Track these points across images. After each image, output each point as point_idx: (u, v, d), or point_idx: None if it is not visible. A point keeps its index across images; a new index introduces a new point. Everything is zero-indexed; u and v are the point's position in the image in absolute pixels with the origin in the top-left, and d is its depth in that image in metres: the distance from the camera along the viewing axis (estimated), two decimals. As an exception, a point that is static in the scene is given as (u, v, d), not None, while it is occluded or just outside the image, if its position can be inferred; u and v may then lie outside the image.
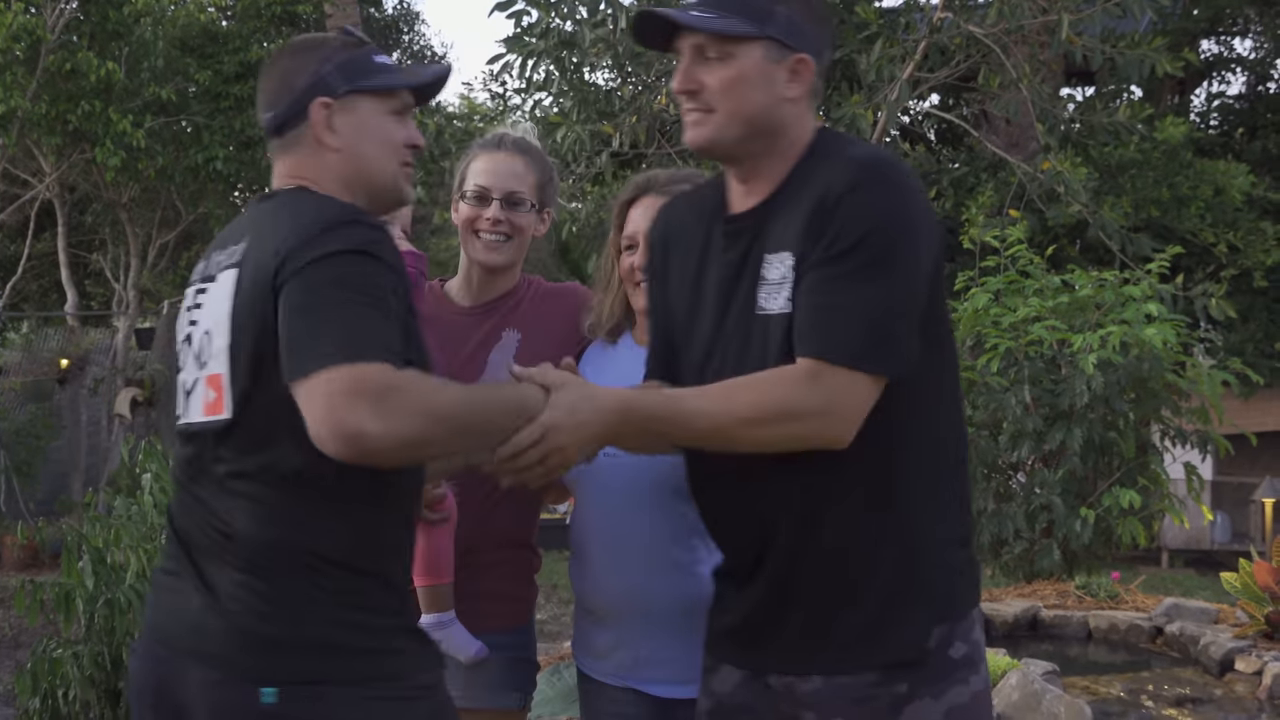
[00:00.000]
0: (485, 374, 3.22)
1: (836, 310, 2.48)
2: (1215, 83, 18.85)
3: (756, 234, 2.65)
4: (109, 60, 12.55)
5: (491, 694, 3.20)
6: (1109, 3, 9.53)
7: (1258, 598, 6.13)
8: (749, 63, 2.60)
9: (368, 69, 2.62)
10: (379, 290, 2.32)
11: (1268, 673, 5.58)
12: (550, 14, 9.51)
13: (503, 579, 3.26)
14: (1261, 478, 13.72)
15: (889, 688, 2.58)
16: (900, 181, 2.55)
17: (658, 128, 10.28)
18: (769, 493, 2.61)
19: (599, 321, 3.22)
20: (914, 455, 2.62)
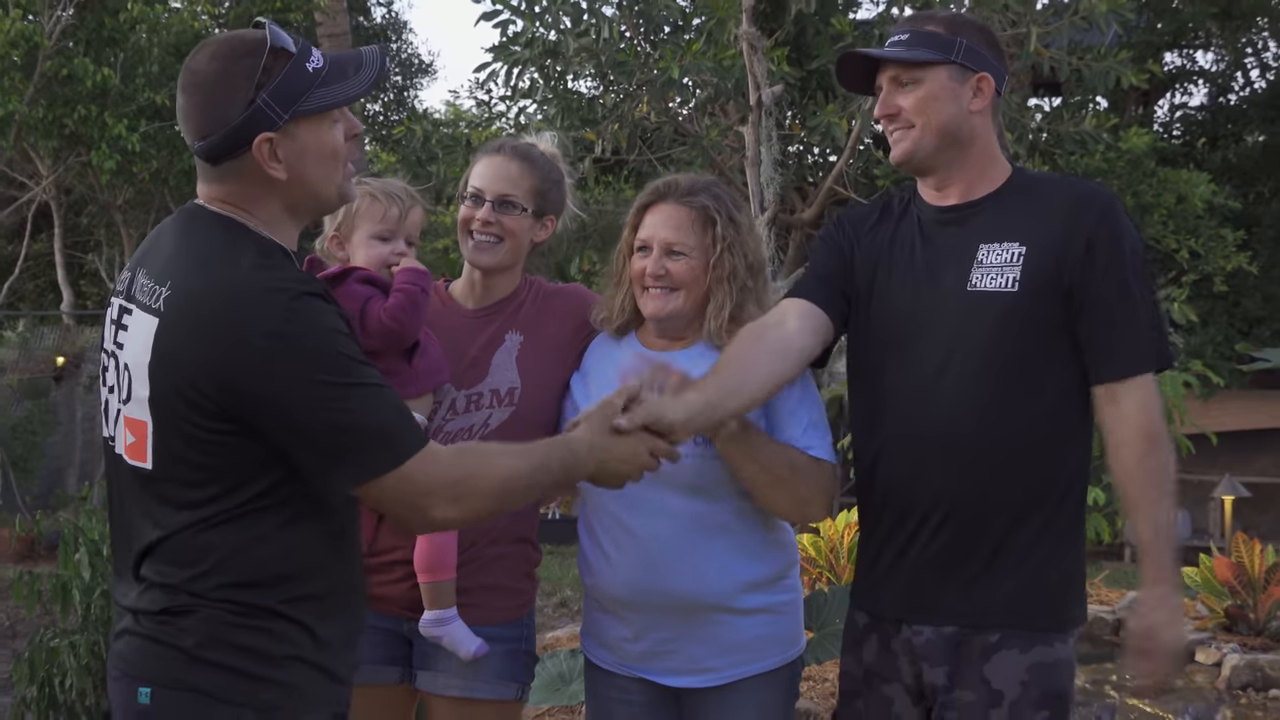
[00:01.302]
0: (489, 376, 3.23)
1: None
2: (1178, 94, 18.94)
3: (969, 225, 2.98)
4: (105, 66, 12.52)
5: (491, 685, 3.20)
6: (1076, 16, 9.58)
7: (1217, 592, 6.17)
8: (937, 84, 2.94)
9: (303, 85, 2.43)
10: (354, 355, 2.35)
11: (1226, 664, 5.62)
12: (535, 24, 9.51)
13: (503, 574, 3.25)
14: (1221, 476, 13.77)
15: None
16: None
17: (638, 134, 10.29)
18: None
19: (609, 316, 3.22)
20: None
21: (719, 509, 3.04)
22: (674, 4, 10.70)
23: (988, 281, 2.89)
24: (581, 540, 3.21)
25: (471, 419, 3.22)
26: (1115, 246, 2.84)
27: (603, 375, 3.20)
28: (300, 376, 2.26)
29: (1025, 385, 2.87)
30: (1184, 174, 13.49)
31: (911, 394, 2.98)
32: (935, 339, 2.94)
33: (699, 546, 3.03)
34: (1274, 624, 6.05)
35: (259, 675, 2.36)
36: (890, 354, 3.03)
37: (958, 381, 2.90)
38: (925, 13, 3.09)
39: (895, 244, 3.11)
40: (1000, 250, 2.90)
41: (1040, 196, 2.96)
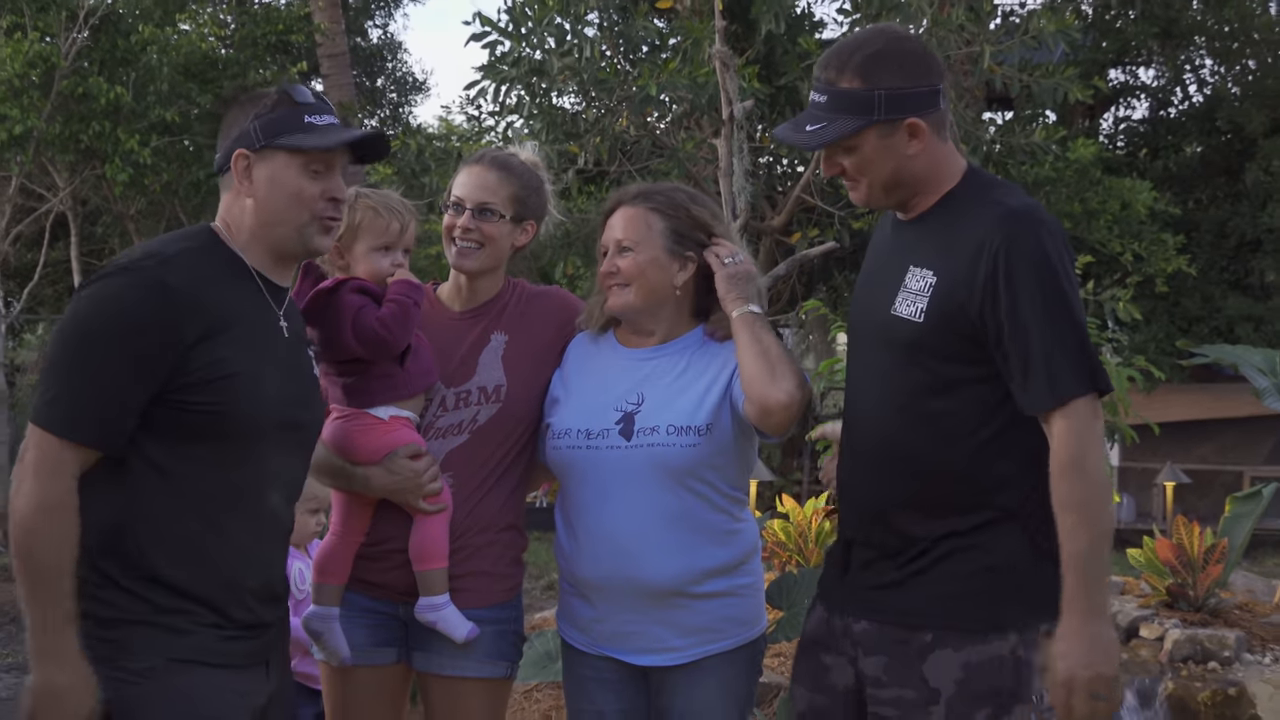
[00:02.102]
0: (476, 374, 3.23)
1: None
2: (1121, 108, 18.97)
3: (907, 245, 2.90)
4: (118, 85, 12.47)
5: (481, 664, 3.20)
6: (1026, 36, 9.63)
7: (1160, 571, 6.17)
8: (868, 147, 2.82)
9: (290, 128, 2.65)
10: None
11: (1168, 639, 5.63)
12: (521, 44, 9.52)
13: (492, 560, 3.24)
14: (1163, 464, 13.82)
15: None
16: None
17: (619, 147, 10.29)
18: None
19: (590, 317, 3.24)
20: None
21: (684, 502, 3.05)
22: (651, 25, 10.72)
23: (904, 308, 2.80)
24: (557, 527, 3.22)
25: (461, 415, 3.22)
26: (1015, 278, 2.66)
27: (580, 373, 3.21)
28: (58, 324, 2.55)
29: (936, 407, 2.78)
30: (1127, 182, 13.53)
31: (854, 403, 2.99)
32: (867, 351, 2.93)
33: (664, 537, 3.03)
34: (1212, 601, 6.06)
35: (100, 636, 2.53)
36: (850, 362, 3.05)
37: (878, 395, 2.87)
38: (840, 54, 2.86)
39: (874, 247, 3.12)
40: (920, 277, 2.79)
41: (961, 222, 2.80)
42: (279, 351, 2.69)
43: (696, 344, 3.15)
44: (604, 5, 10.48)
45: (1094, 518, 2.66)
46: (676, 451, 3.01)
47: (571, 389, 3.19)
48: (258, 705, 2.70)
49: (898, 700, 2.83)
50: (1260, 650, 5.75)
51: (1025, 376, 2.67)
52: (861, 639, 2.88)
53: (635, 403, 3.08)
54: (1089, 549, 2.65)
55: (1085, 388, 2.66)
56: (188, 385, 2.51)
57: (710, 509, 3.08)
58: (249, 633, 2.67)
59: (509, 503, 3.27)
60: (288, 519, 2.80)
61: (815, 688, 3.01)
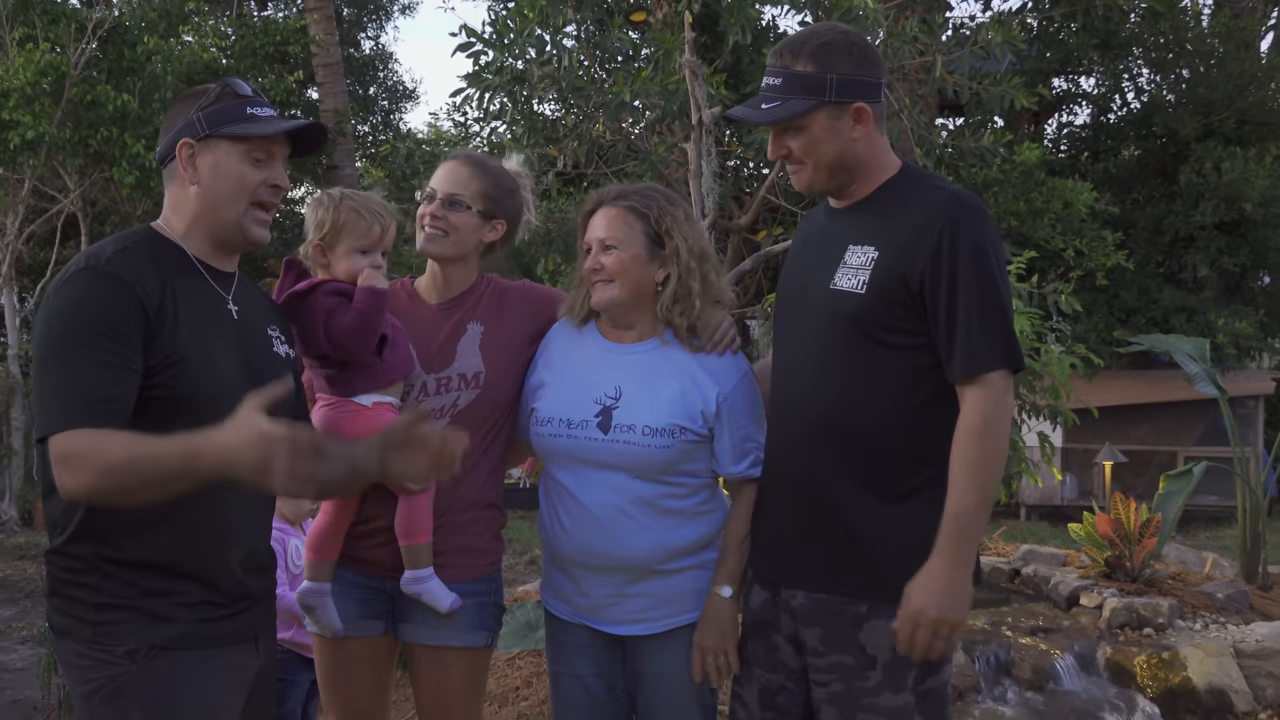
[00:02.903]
0: (455, 362, 3.21)
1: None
2: (1064, 114, 19.05)
3: (846, 227, 2.89)
4: (124, 93, 12.41)
5: (463, 634, 3.19)
6: (975, 46, 9.63)
7: (1099, 544, 6.21)
8: (817, 128, 2.83)
9: (233, 118, 2.63)
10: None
11: (1106, 606, 5.66)
12: (504, 55, 9.48)
13: (473, 536, 3.23)
14: (1102, 445, 13.90)
15: None
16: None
17: (595, 151, 10.27)
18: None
19: (572, 307, 3.22)
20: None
21: (658, 489, 3.05)
22: (626, 36, 10.68)
23: (845, 281, 2.81)
24: (541, 507, 3.22)
25: (442, 400, 3.21)
26: (959, 256, 2.70)
27: (565, 361, 3.21)
28: (34, 331, 2.51)
29: (873, 375, 2.79)
30: (1070, 183, 13.58)
31: (786, 379, 2.98)
32: (804, 329, 2.92)
33: (639, 519, 3.03)
34: (1147, 572, 6.10)
35: (81, 618, 2.52)
36: (778, 338, 3.04)
37: (815, 370, 2.86)
38: (796, 42, 2.87)
39: (804, 235, 3.12)
40: (860, 253, 2.81)
41: (903, 204, 2.83)
42: (229, 333, 2.64)
43: (670, 344, 3.14)
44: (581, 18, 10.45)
45: (984, 483, 2.71)
46: (651, 451, 3.01)
47: (555, 376, 3.18)
48: (246, 679, 2.67)
49: (836, 666, 2.85)
50: (1191, 617, 5.79)
51: (951, 346, 2.72)
52: (799, 611, 2.90)
53: (614, 397, 3.07)
54: (972, 509, 2.70)
55: (1000, 363, 2.72)
56: (148, 372, 2.47)
57: (682, 494, 3.07)
58: (237, 605, 2.64)
59: (489, 482, 3.27)
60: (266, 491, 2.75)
61: (770, 667, 3.02)
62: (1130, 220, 16.23)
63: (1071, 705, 4.97)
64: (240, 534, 2.64)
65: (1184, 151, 16.55)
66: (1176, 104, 17.08)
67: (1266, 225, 15.94)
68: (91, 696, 2.50)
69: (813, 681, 2.92)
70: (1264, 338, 16.83)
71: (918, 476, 2.80)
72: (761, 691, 3.04)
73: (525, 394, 3.23)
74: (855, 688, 2.85)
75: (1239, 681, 5.27)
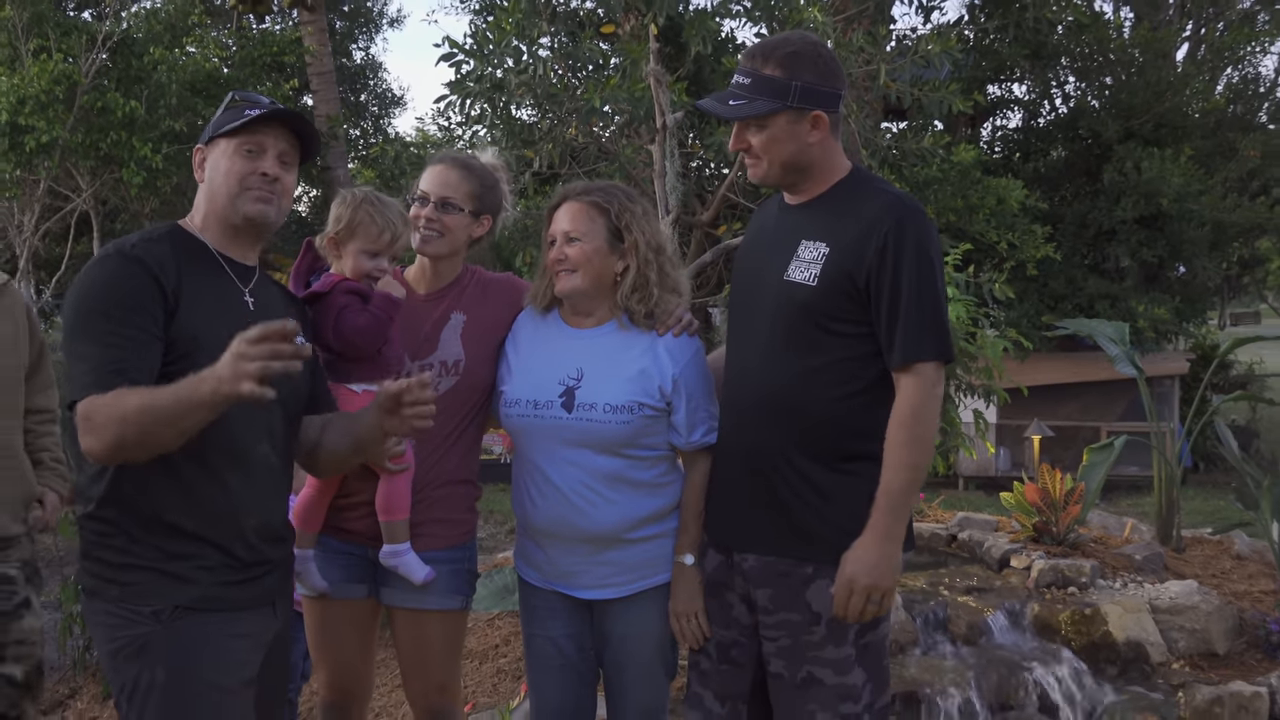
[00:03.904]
0: (438, 350, 3.20)
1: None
2: (998, 118, 19.10)
3: (799, 223, 2.89)
4: (133, 99, 12.30)
5: (439, 598, 3.19)
6: (916, 56, 9.63)
7: (1028, 511, 6.24)
8: (777, 128, 2.84)
9: (227, 119, 2.67)
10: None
11: (1034, 568, 5.69)
12: (484, 64, 9.42)
13: (448, 508, 3.23)
14: (1032, 421, 13.97)
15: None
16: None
17: (569, 153, 10.23)
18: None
19: (536, 295, 3.21)
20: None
21: (620, 463, 3.04)
22: (596, 47, 10.64)
23: (797, 274, 2.82)
24: (514, 482, 3.21)
25: (425, 385, 3.19)
26: (902, 255, 2.72)
27: (531, 344, 3.20)
28: (65, 310, 2.53)
29: (820, 359, 2.80)
30: (1003, 182, 13.62)
31: (739, 361, 2.99)
32: (757, 316, 2.92)
33: (602, 493, 3.03)
34: (1071, 536, 6.13)
35: (109, 578, 2.55)
36: (732, 323, 3.04)
37: (767, 353, 2.87)
38: (768, 46, 2.88)
39: (758, 226, 3.12)
40: (813, 248, 2.81)
41: (853, 204, 2.84)
42: (243, 321, 2.62)
43: (628, 328, 3.13)
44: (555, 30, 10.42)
45: (914, 464, 2.74)
46: (612, 428, 3.00)
47: (522, 359, 3.17)
48: (264, 642, 2.67)
49: (784, 623, 2.88)
50: (1112, 577, 5.83)
51: (890, 337, 2.74)
52: (750, 573, 2.92)
53: (576, 378, 3.06)
54: (903, 487, 2.74)
55: (932, 355, 2.75)
56: (165, 349, 2.49)
57: (642, 467, 3.07)
58: (254, 571, 2.63)
59: (465, 460, 3.26)
60: (280, 465, 2.73)
61: (724, 624, 3.04)
62: (1058, 215, 16.30)
63: (1002, 658, 5.00)
64: (253, 505, 2.63)
65: (1107, 152, 16.62)
66: (1100, 109, 17.15)
67: (1181, 220, 16.03)
68: (118, 653, 2.51)
69: (763, 637, 2.94)
70: (1179, 322, 16.96)
71: (857, 452, 2.82)
72: (718, 645, 3.06)
73: (498, 377, 3.22)
74: (802, 642, 2.87)
75: (1154, 635, 5.31)
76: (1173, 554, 6.56)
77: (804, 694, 2.89)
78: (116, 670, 2.52)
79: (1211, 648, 5.38)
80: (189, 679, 2.50)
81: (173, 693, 2.48)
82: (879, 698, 2.94)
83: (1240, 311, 35.67)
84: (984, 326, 6.84)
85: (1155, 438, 7.03)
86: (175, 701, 2.48)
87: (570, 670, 3.21)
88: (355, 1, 23.77)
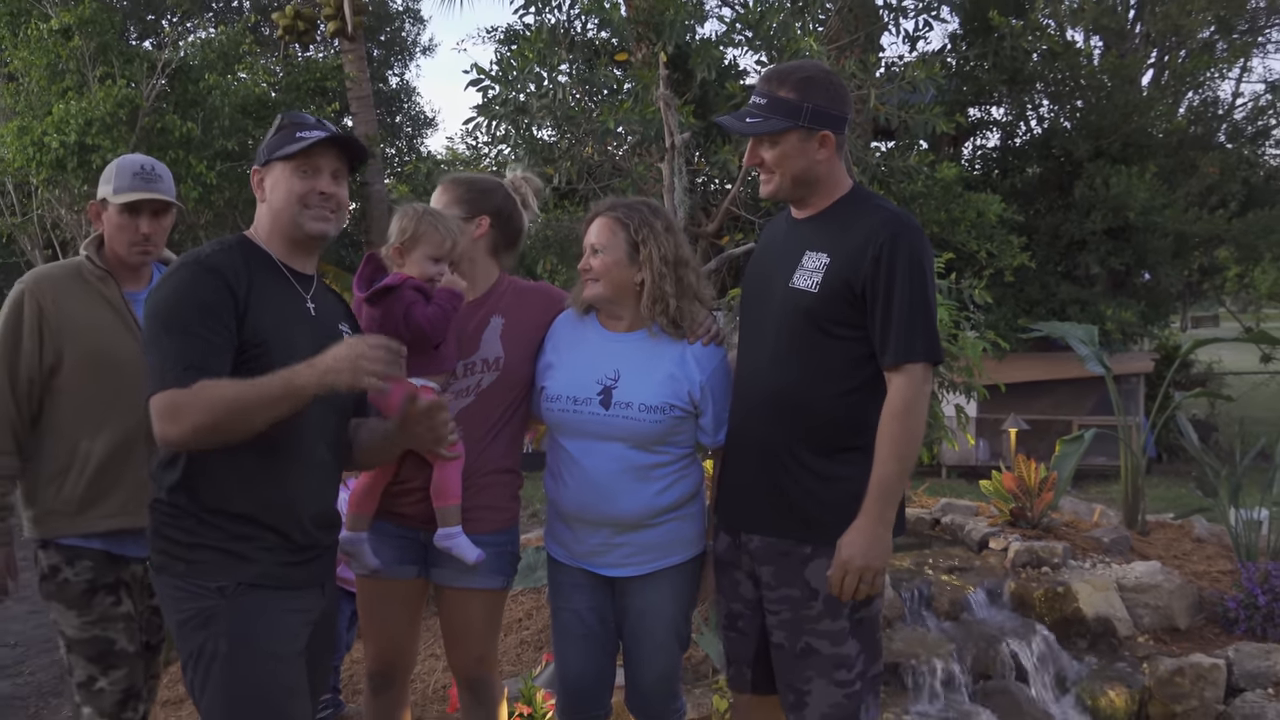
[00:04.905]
0: (480, 349, 3.22)
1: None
2: (978, 138, 19.04)
3: (804, 236, 2.91)
4: (189, 121, 12.35)
5: (484, 578, 3.21)
6: (903, 82, 9.62)
7: (1005, 498, 6.26)
8: (789, 145, 2.85)
9: (285, 143, 2.68)
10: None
11: (1011, 549, 5.71)
12: (508, 89, 9.44)
13: (494, 496, 3.24)
14: (1009, 415, 13.95)
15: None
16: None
17: (585, 170, 10.24)
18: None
19: (576, 299, 3.23)
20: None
21: (649, 457, 3.06)
22: (611, 73, 10.64)
23: (801, 282, 2.83)
24: (548, 468, 3.23)
25: (468, 381, 3.22)
26: (895, 265, 2.73)
27: (570, 345, 3.22)
28: (146, 314, 2.55)
29: (821, 360, 2.82)
30: (983, 196, 13.58)
31: (749, 361, 3.01)
32: (765, 319, 2.94)
33: (630, 482, 3.05)
34: (1045, 520, 6.15)
35: (177, 555, 2.58)
36: (743, 325, 3.06)
37: (774, 353, 2.90)
38: (784, 71, 2.90)
39: (768, 238, 3.14)
40: (815, 258, 2.83)
41: (853, 219, 2.85)
42: (305, 324, 2.68)
43: (659, 336, 3.15)
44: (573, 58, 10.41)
45: (903, 455, 2.76)
46: (645, 425, 3.03)
47: (562, 358, 3.19)
48: (312, 619, 2.71)
49: (786, 598, 2.90)
50: (1081, 557, 5.84)
51: (884, 340, 2.76)
52: (755, 552, 2.95)
53: (613, 378, 3.08)
54: (893, 476, 2.75)
55: (922, 357, 2.76)
56: (236, 350, 2.53)
57: (667, 460, 3.10)
58: (307, 554, 2.68)
59: (508, 450, 3.28)
60: (332, 459, 2.78)
61: (732, 598, 3.07)
62: (1033, 227, 16.27)
63: (981, 631, 5.02)
64: (309, 497, 2.68)
65: (1078, 169, 16.58)
66: (1071, 130, 17.10)
67: (1146, 231, 16.00)
68: (185, 623, 2.55)
69: (766, 610, 2.97)
70: (1144, 325, 16.91)
71: (853, 443, 2.84)
72: (726, 616, 3.09)
73: (536, 374, 3.24)
74: (801, 615, 2.90)
75: (1121, 611, 5.33)
76: (1138, 537, 6.57)
77: (803, 662, 2.91)
78: (184, 638, 2.56)
79: (1173, 623, 5.39)
80: (249, 647, 2.54)
81: (235, 659, 2.53)
82: (871, 667, 2.96)
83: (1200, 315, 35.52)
84: (965, 329, 6.84)
85: (1122, 431, 7.04)
86: (237, 666, 2.53)
87: (593, 640, 3.23)
88: (391, 31, 23.80)
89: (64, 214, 12.81)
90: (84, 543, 3.35)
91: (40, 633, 6.41)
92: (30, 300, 3.34)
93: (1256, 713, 4.74)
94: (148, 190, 3.43)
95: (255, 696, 2.53)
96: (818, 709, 2.90)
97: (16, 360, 3.31)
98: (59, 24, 12.23)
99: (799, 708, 2.93)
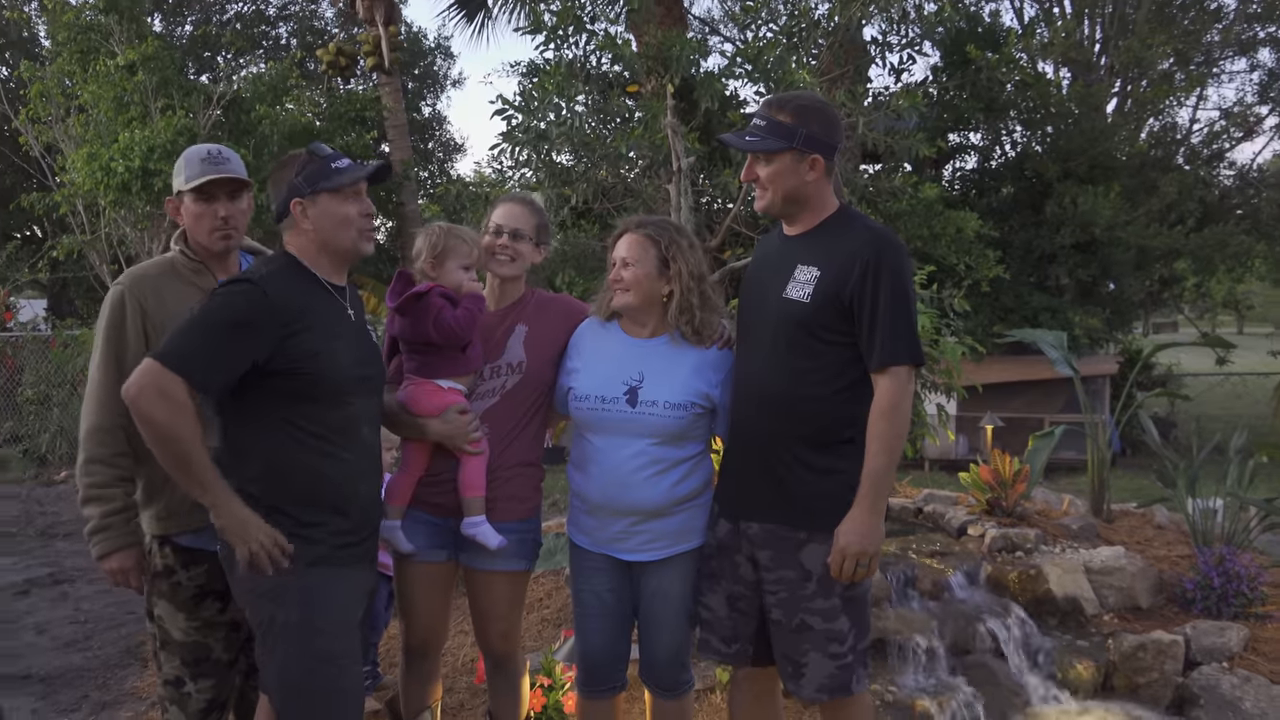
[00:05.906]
0: (505, 354, 3.24)
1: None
2: (957, 161, 19.00)
3: (796, 251, 2.92)
4: (242, 148, 12.37)
5: (508, 562, 3.24)
6: (889, 110, 9.63)
7: (982, 488, 6.25)
8: (782, 164, 2.87)
9: (325, 174, 2.70)
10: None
11: (987, 536, 5.70)
12: (530, 117, 9.45)
13: (518, 487, 3.27)
14: (986, 413, 13.91)
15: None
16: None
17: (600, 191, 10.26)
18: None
19: (600, 308, 3.25)
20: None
21: (669, 451, 3.08)
22: (623, 103, 10.66)
23: (794, 293, 2.85)
24: (572, 461, 3.25)
25: (494, 383, 3.24)
26: (880, 278, 2.75)
27: (595, 350, 3.23)
28: (203, 298, 2.65)
29: (813, 363, 2.84)
30: (961, 214, 13.54)
31: (746, 363, 3.02)
32: (762, 327, 2.96)
33: (649, 475, 3.07)
34: (1019, 509, 6.13)
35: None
36: (741, 334, 3.07)
37: (770, 358, 2.91)
38: (784, 98, 2.93)
39: (762, 253, 3.15)
40: (807, 271, 2.85)
41: (841, 236, 2.87)
42: (347, 331, 2.75)
43: (679, 342, 3.16)
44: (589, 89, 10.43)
45: (891, 449, 2.78)
46: (669, 421, 3.05)
47: (588, 362, 3.21)
48: (365, 593, 2.80)
49: (782, 579, 2.91)
50: (1052, 543, 5.83)
51: (870, 345, 2.78)
52: (754, 538, 2.96)
53: (638, 379, 3.10)
54: (882, 469, 2.77)
55: (905, 359, 2.79)
56: (292, 362, 2.58)
57: (685, 455, 3.11)
58: (360, 534, 2.75)
59: (531, 446, 3.30)
60: (377, 445, 2.87)
61: (733, 580, 3.07)
62: (1008, 242, 16.22)
63: (960, 610, 5.02)
64: (360, 477, 2.75)
65: (1048, 189, 16.55)
66: (1043, 153, 17.07)
67: (1111, 245, 15.96)
68: (260, 596, 2.62)
69: (765, 590, 2.98)
70: (1109, 331, 16.86)
71: (843, 438, 2.85)
72: (728, 597, 3.09)
73: (562, 377, 3.25)
74: (796, 595, 2.91)
75: (1088, 591, 5.32)
76: (1103, 524, 6.56)
77: (799, 637, 2.93)
78: (256, 609, 2.63)
79: (1136, 603, 5.38)
80: (314, 618, 2.62)
81: (303, 628, 2.61)
82: (861, 641, 2.98)
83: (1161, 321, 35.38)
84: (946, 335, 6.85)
85: (1089, 427, 7.02)
86: (304, 635, 2.61)
87: (611, 617, 3.24)
88: (424, 66, 23.86)
89: (129, 231, 12.86)
90: (204, 544, 3.02)
91: (109, 611, 6.44)
92: (130, 299, 3.02)
93: (1212, 684, 4.73)
94: (217, 171, 3.13)
95: (322, 660, 2.60)
96: (815, 679, 2.92)
97: (124, 360, 2.96)
98: (125, 61, 12.30)
99: (797, 678, 2.95)
